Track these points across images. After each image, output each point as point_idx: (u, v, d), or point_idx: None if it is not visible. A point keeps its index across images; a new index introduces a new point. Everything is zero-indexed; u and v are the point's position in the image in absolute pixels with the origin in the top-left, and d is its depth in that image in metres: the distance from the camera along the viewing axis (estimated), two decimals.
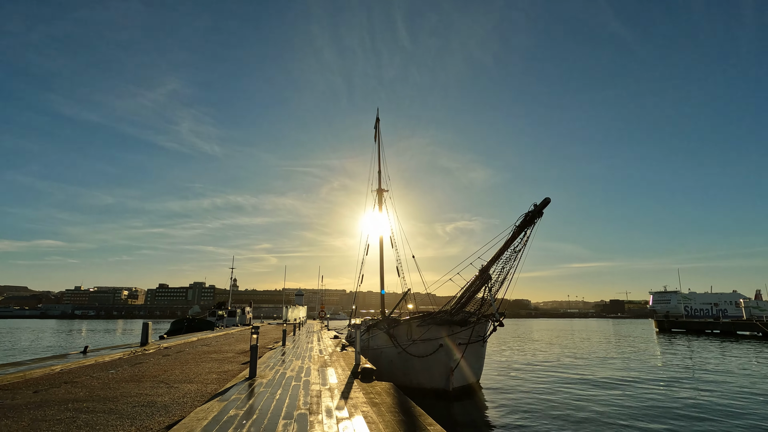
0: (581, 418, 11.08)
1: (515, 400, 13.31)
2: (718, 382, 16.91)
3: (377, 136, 31.80)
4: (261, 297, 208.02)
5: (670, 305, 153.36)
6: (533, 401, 13.22)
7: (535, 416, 11.33)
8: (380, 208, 29.42)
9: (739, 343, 38.80)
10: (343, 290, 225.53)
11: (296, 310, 63.29)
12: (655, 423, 10.61)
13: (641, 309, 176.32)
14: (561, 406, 12.48)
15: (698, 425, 10.52)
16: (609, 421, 10.76)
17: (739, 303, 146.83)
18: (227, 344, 18.22)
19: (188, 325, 32.98)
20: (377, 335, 15.73)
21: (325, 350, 15.25)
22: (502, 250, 11.87)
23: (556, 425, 10.44)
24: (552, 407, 12.35)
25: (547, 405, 12.66)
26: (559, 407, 12.39)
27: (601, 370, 19.81)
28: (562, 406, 12.49)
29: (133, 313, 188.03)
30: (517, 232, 11.63)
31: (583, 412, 11.70)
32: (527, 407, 12.36)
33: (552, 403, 12.98)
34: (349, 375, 9.08)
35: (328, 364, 11.10)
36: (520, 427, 10.30)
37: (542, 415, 11.46)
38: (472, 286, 12.50)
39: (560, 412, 11.85)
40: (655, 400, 13.50)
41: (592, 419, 11.02)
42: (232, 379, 8.58)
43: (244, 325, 43.51)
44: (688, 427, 10.35)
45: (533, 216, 11.36)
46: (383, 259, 27.89)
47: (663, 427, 10.36)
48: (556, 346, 34.10)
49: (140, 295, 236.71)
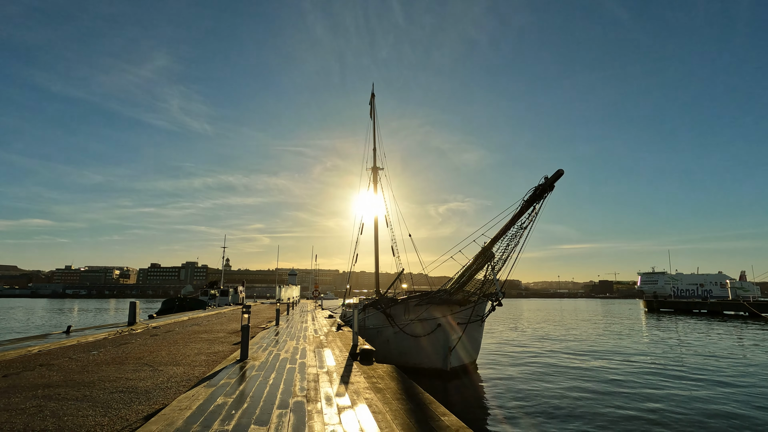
0: (577, 397, 10.97)
1: (511, 379, 13.20)
2: (707, 355, 16.88)
3: (372, 112, 30.75)
4: (254, 277, 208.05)
5: (657, 286, 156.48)
6: (529, 379, 13.14)
7: (531, 394, 11.23)
8: (375, 187, 28.72)
9: (725, 322, 39.43)
10: (336, 270, 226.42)
11: (289, 290, 63.04)
12: (648, 401, 10.37)
13: (629, 289, 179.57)
14: (555, 385, 12.41)
15: (683, 396, 10.34)
16: (606, 401, 10.51)
17: (725, 284, 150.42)
18: (219, 324, 17.69)
19: (179, 305, 32.40)
20: (373, 315, 15.27)
21: (320, 330, 14.79)
22: (508, 226, 11.14)
23: (553, 404, 10.28)
24: (547, 386, 12.27)
25: (542, 383, 12.58)
26: (553, 385, 12.33)
27: (597, 348, 19.73)
28: (556, 385, 12.41)
29: (125, 293, 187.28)
30: (525, 207, 10.83)
31: (578, 392, 11.57)
32: (523, 386, 12.27)
33: (547, 381, 12.88)
34: (348, 357, 8.56)
35: (324, 344, 10.59)
36: (517, 406, 10.14)
37: (538, 392, 11.39)
38: (473, 264, 11.88)
39: (556, 390, 11.77)
40: (648, 374, 13.75)
41: (588, 399, 10.87)
42: (223, 361, 8.01)
43: (236, 305, 43.10)
44: (685, 400, 10.15)
45: (543, 190, 10.52)
46: (378, 238, 27.36)
47: (658, 396, 10.24)
48: (548, 325, 34.24)
49: (132, 275, 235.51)
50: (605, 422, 8.85)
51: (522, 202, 10.91)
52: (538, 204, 10.77)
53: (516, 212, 11.06)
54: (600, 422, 8.85)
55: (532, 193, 10.69)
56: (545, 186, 10.53)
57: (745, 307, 52.71)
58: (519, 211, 10.98)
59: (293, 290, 65.86)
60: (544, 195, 10.62)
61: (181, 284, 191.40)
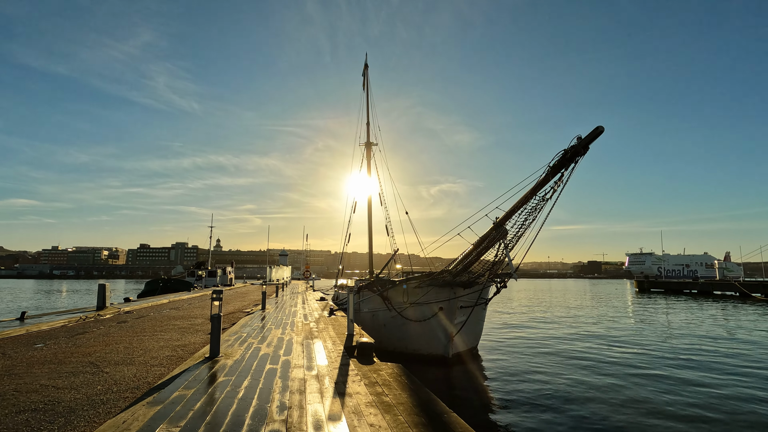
0: (583, 382, 10.19)
1: (516, 367, 12.24)
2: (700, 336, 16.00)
3: (365, 84, 28.80)
4: (245, 257, 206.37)
5: (644, 266, 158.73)
6: (536, 366, 12.23)
7: (541, 383, 10.32)
8: (369, 164, 27.08)
9: (719, 302, 39.10)
10: (328, 251, 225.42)
11: (280, 271, 61.71)
12: (646, 380, 9.30)
13: (617, 270, 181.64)
14: (562, 371, 11.54)
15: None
16: (620, 390, 9.45)
17: (711, 264, 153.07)
18: (200, 308, 16.23)
19: (164, 286, 30.76)
20: (368, 297, 13.90)
21: (310, 315, 13.42)
22: (528, 196, 9.19)
23: (560, 392, 9.47)
24: (554, 372, 11.47)
25: (549, 370, 11.70)
26: (560, 371, 11.52)
27: (595, 327, 18.79)
28: (562, 371, 11.55)
29: (114, 273, 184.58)
30: (551, 175, 8.78)
31: (587, 379, 10.71)
32: (531, 374, 11.41)
33: (553, 367, 11.97)
34: (342, 352, 7.15)
35: (315, 334, 9.18)
36: (527, 397, 9.23)
37: (547, 381, 10.54)
38: (483, 242, 10.17)
39: (563, 377, 10.92)
40: (644, 354, 13.45)
41: (598, 386, 10.09)
42: (189, 358, 6.53)
43: (225, 286, 41.68)
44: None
45: (575, 152, 8.35)
46: (372, 216, 25.87)
47: (657, 374, 9.57)
48: (544, 306, 33.44)
49: (121, 255, 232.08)
50: (621, 413, 7.75)
51: (547, 168, 8.79)
52: (566, 170, 8.66)
53: (539, 180, 9.05)
54: (616, 414, 7.74)
55: (561, 157, 8.57)
56: (577, 148, 8.32)
57: (736, 287, 52.76)
58: (543, 178, 8.95)
59: (284, 271, 64.53)
60: (575, 159, 8.50)
61: (171, 265, 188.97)
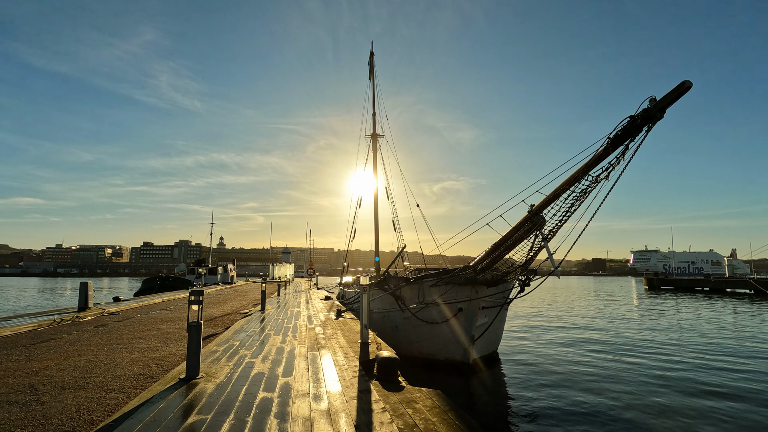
0: (621, 395, 9.18)
1: (538, 372, 11.14)
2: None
3: (371, 73, 27.52)
4: (248, 255, 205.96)
5: (650, 263, 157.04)
6: (559, 372, 11.16)
7: (573, 395, 9.22)
8: (375, 156, 25.83)
9: (739, 300, 37.42)
10: (331, 248, 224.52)
11: (283, 268, 60.65)
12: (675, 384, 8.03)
13: (622, 267, 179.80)
14: (592, 379, 10.38)
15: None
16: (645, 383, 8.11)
17: (716, 262, 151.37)
18: None
19: (161, 284, 29.64)
20: (380, 297, 12.64)
21: (315, 317, 12.19)
22: (577, 177, 7.24)
23: (595, 406, 8.41)
24: (584, 380, 10.35)
25: (580, 378, 10.56)
26: (591, 380, 10.37)
27: (627, 339, 17.49)
28: (593, 379, 10.40)
29: (117, 271, 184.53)
30: (612, 148, 6.79)
31: (619, 388, 9.57)
32: (554, 377, 10.51)
33: (582, 375, 10.76)
34: (358, 370, 5.76)
35: (322, 343, 7.86)
36: (554, 405, 8.41)
37: (574, 389, 9.58)
38: (514, 232, 8.40)
39: (594, 386, 9.85)
40: (669, 362, 12.29)
41: (627, 392, 9.24)
42: (161, 379, 5.24)
43: (226, 284, 40.59)
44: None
45: (646, 119, 6.31)
46: (378, 211, 24.63)
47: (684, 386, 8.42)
48: (557, 306, 32.09)
49: (125, 253, 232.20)
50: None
51: (606, 140, 6.75)
52: (632, 142, 6.60)
53: (593, 156, 7.00)
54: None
55: (627, 125, 6.48)
56: (652, 112, 6.23)
57: (751, 285, 51.21)
58: (599, 153, 6.90)
59: (287, 268, 63.48)
60: (645, 127, 6.44)
61: (175, 263, 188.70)
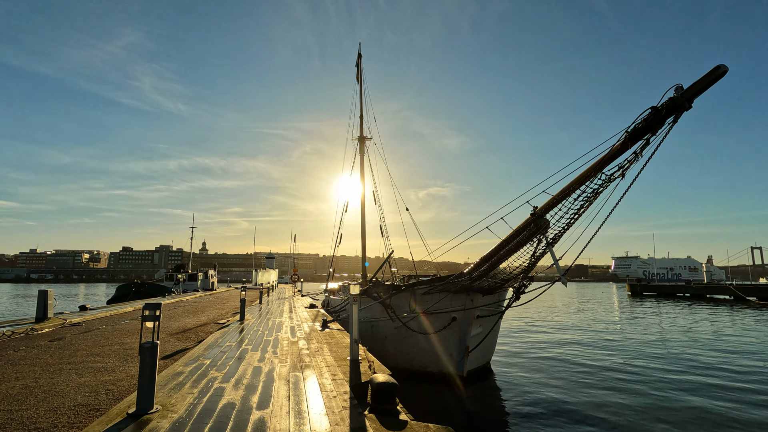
0: (616, 398, 9.05)
1: (535, 385, 10.63)
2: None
3: (359, 74, 27.05)
4: (232, 261, 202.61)
5: (630, 270, 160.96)
6: (557, 384, 10.68)
7: (564, 402, 8.95)
8: (362, 159, 25.32)
9: (722, 307, 37.84)
10: (316, 254, 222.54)
11: (267, 274, 59.34)
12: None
13: (603, 273, 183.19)
14: (596, 391, 9.83)
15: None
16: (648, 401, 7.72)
17: (695, 268, 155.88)
18: (168, 318, 14.13)
19: (136, 291, 28.30)
20: (368, 305, 12.02)
21: (299, 328, 11.49)
22: (588, 175, 6.50)
23: (594, 411, 8.21)
24: (588, 392, 9.82)
25: (581, 390, 10.03)
26: (594, 391, 9.83)
27: (618, 342, 17.24)
28: (597, 391, 9.85)
29: (95, 277, 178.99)
30: (630, 142, 5.98)
31: (624, 400, 8.99)
32: (552, 390, 10.03)
33: (585, 387, 10.21)
34: (349, 397, 4.87)
35: (306, 361, 7.07)
36: (555, 424, 7.84)
37: (576, 404, 9.07)
38: (515, 236, 7.77)
39: (598, 397, 9.37)
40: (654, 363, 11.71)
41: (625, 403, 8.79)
42: (104, 414, 4.24)
43: (206, 291, 39.27)
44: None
45: (672, 109, 5.55)
46: (365, 214, 24.05)
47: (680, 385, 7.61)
48: (548, 312, 31.93)
49: (103, 259, 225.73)
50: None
51: (624, 134, 5.98)
52: (654, 137, 5.84)
53: (611, 151, 6.22)
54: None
55: (648, 116, 5.73)
56: (680, 101, 5.46)
57: (731, 291, 52.25)
58: (616, 148, 6.12)
59: (271, 274, 62.14)
60: (668, 120, 5.68)
61: (155, 268, 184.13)
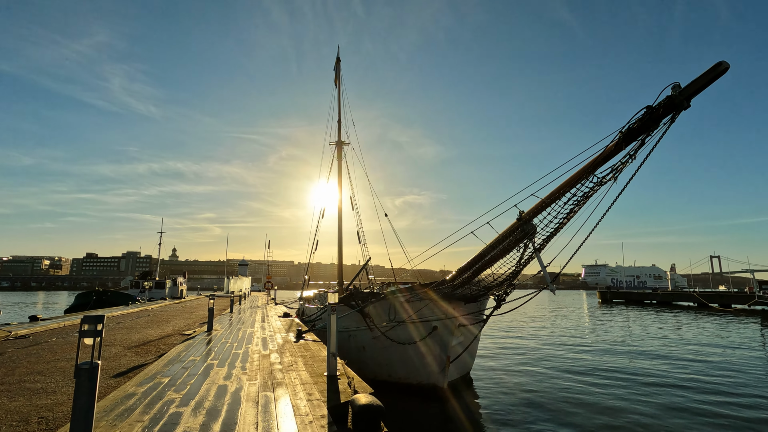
0: (597, 404, 9.09)
1: (514, 391, 10.56)
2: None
3: (337, 78, 26.67)
4: (203, 268, 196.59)
5: (599, 277, 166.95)
6: (535, 390, 10.61)
7: (545, 410, 8.89)
8: (339, 164, 24.84)
9: (689, 313, 39.11)
10: (291, 261, 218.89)
11: (239, 282, 57.53)
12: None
13: (574, 281, 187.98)
14: (578, 396, 9.61)
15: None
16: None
17: (663, 276, 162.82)
18: (125, 330, 13.12)
19: (97, 299, 26.54)
20: (345, 314, 11.46)
21: (271, 339, 10.81)
22: (578, 177, 6.28)
23: (575, 418, 8.19)
24: (556, 394, 9.89)
25: (551, 392, 10.09)
26: (576, 396, 9.68)
27: (598, 345, 17.31)
28: (579, 396, 9.65)
29: (55, 284, 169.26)
30: (624, 143, 5.74)
31: (612, 405, 8.70)
32: (531, 399, 9.92)
33: (568, 393, 10.01)
34: (327, 423, 4.30)
35: (278, 378, 6.41)
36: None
37: (554, 407, 9.13)
38: (501, 242, 7.47)
39: (581, 402, 9.23)
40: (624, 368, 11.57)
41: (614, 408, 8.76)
42: None
43: (174, 299, 37.55)
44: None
45: (669, 108, 5.30)
46: (342, 221, 23.51)
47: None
48: (520, 319, 32.07)
49: (65, 265, 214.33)
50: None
51: (618, 135, 5.74)
52: (649, 137, 5.58)
53: (604, 152, 5.96)
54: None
55: (643, 116, 5.47)
56: (678, 100, 5.22)
57: (695, 298, 54.41)
58: (610, 149, 5.87)
59: (244, 282, 60.30)
60: (665, 119, 5.43)
61: (122, 275, 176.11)
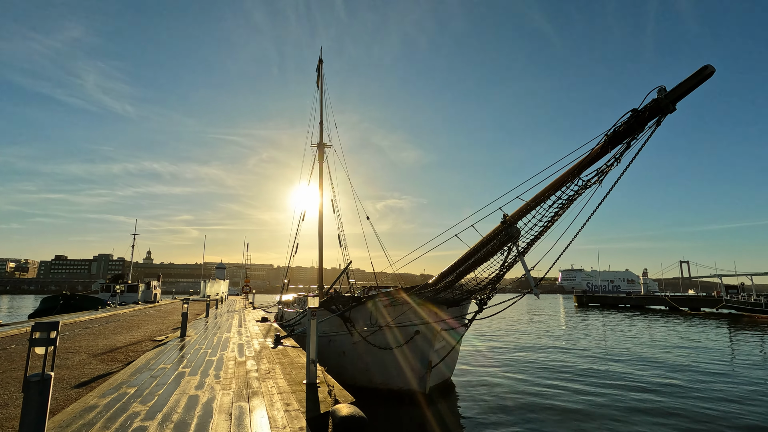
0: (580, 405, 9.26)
1: (495, 395, 10.61)
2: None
3: (320, 80, 26.46)
4: (179, 271, 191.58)
5: (575, 282, 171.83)
6: (516, 393, 10.71)
7: (525, 414, 9.05)
8: (321, 166, 24.59)
9: (662, 317, 40.34)
10: (270, 265, 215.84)
11: (216, 285, 56.21)
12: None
13: (551, 285, 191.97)
14: (559, 402, 9.62)
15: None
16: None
17: (635, 280, 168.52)
18: (92, 336, 12.50)
19: (65, 303, 25.36)
20: (325, 318, 11.21)
21: (248, 345, 10.45)
22: (563, 180, 6.24)
23: (558, 419, 8.35)
24: (538, 396, 10.02)
25: (545, 402, 9.93)
26: (558, 403, 9.66)
27: (574, 346, 17.54)
28: (560, 402, 9.65)
29: (21, 288, 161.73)
30: (609, 146, 5.70)
31: (590, 408, 8.77)
32: (513, 402, 10.00)
33: (548, 399, 10.06)
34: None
35: (254, 387, 6.10)
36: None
37: (533, 410, 9.30)
38: (484, 245, 7.35)
39: (562, 407, 9.20)
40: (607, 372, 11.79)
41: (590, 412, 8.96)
42: None
43: (147, 303, 36.31)
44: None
45: (655, 111, 5.23)
46: (323, 223, 23.21)
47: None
48: (499, 323, 32.36)
49: (32, 268, 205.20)
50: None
51: (603, 138, 5.71)
52: (634, 140, 5.55)
53: (590, 155, 5.91)
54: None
55: (629, 119, 5.43)
56: (664, 103, 5.13)
57: (666, 302, 56.32)
58: (595, 152, 5.84)
59: (221, 285, 58.95)
60: (651, 122, 5.35)
61: (93, 279, 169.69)
